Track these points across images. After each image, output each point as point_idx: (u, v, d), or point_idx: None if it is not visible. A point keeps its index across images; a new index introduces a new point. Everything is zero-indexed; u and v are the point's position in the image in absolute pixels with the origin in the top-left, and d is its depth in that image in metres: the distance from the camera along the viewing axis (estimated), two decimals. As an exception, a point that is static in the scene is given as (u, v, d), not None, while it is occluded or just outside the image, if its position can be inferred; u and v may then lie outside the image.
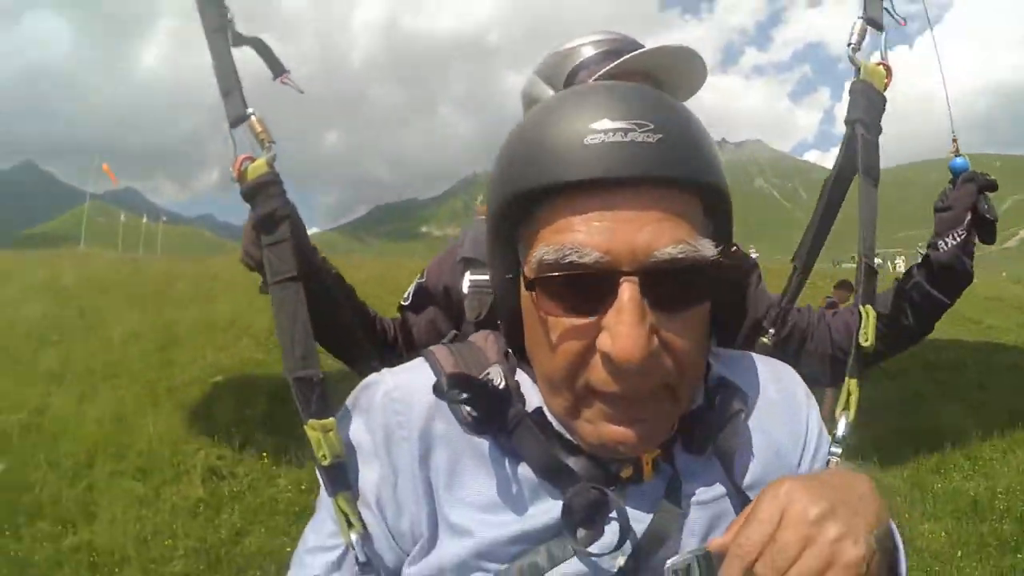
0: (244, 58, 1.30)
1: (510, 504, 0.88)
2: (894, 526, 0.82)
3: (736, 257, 1.54)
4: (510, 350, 0.96)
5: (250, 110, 1.20)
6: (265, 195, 1.19)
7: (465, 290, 1.45)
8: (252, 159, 1.20)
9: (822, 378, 1.62)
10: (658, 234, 0.76)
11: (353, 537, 0.92)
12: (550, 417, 0.90)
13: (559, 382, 0.83)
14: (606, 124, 0.76)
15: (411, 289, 1.67)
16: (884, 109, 1.24)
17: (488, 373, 0.92)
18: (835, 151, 1.41)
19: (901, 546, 0.84)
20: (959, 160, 1.64)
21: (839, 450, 1.02)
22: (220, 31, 1.25)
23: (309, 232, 1.54)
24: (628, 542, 0.84)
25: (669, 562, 0.78)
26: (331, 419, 1.00)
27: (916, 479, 7.80)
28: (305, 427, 1.00)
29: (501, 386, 0.90)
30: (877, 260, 1.24)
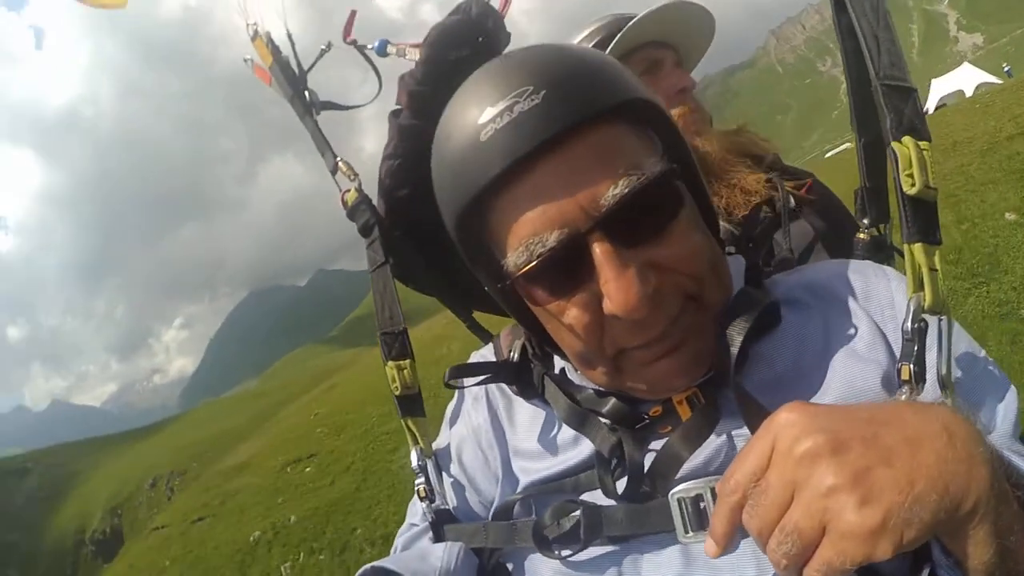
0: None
1: (551, 451, 1.05)
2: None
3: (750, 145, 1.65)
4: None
5: (338, 158, 1.54)
6: (360, 212, 1.45)
7: None
8: (348, 191, 1.49)
9: None
10: (595, 182, 0.79)
11: (414, 453, 1.22)
12: (571, 375, 1.06)
13: (590, 356, 0.91)
14: (489, 113, 0.81)
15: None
16: None
17: (511, 349, 1.15)
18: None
19: None
20: None
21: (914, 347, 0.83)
22: (308, 113, 1.58)
23: None
24: (645, 477, 0.90)
25: (675, 490, 0.84)
26: (406, 360, 1.30)
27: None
28: (386, 367, 1.30)
29: (516, 359, 1.13)
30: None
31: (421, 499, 1.20)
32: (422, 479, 1.20)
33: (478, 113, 0.83)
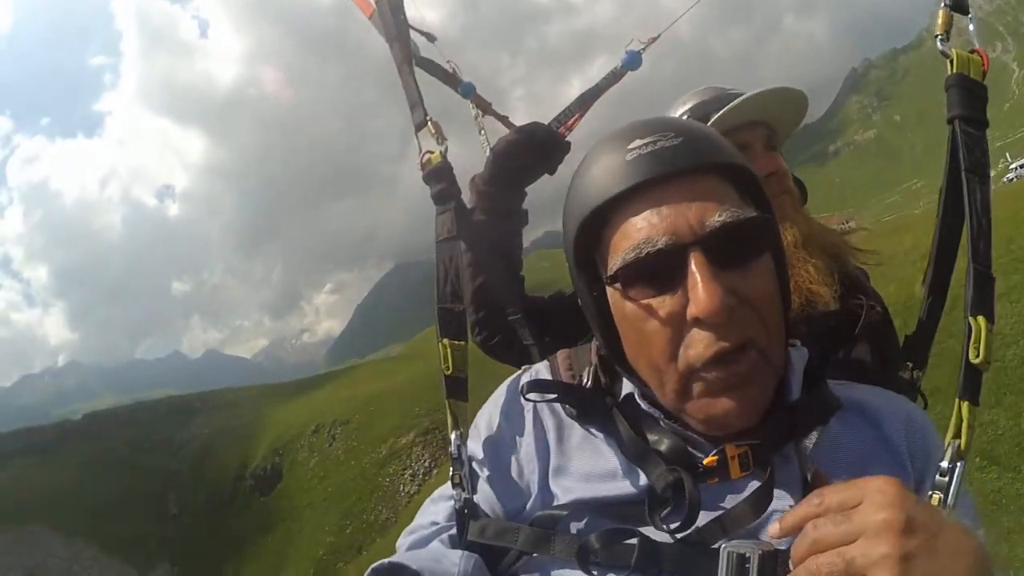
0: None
1: (598, 477, 1.10)
2: None
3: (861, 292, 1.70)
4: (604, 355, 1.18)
5: (429, 117, 1.52)
6: (439, 178, 1.48)
7: None
8: (431, 152, 1.51)
9: None
10: (705, 209, 0.97)
11: (453, 436, 1.24)
12: (640, 402, 1.11)
13: (663, 365, 1.00)
14: (637, 143, 1.01)
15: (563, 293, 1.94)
16: (987, 98, 1.17)
17: (583, 374, 1.21)
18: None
19: None
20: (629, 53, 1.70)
21: (944, 480, 1.00)
22: (406, 61, 1.59)
23: None
24: (696, 523, 0.98)
25: (727, 543, 0.91)
26: (461, 341, 1.33)
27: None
28: (439, 344, 1.32)
29: (588, 385, 1.18)
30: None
31: (454, 486, 1.22)
32: (458, 465, 1.24)
33: (627, 142, 1.03)
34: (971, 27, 1.26)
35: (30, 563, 48.58)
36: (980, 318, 1.08)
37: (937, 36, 1.23)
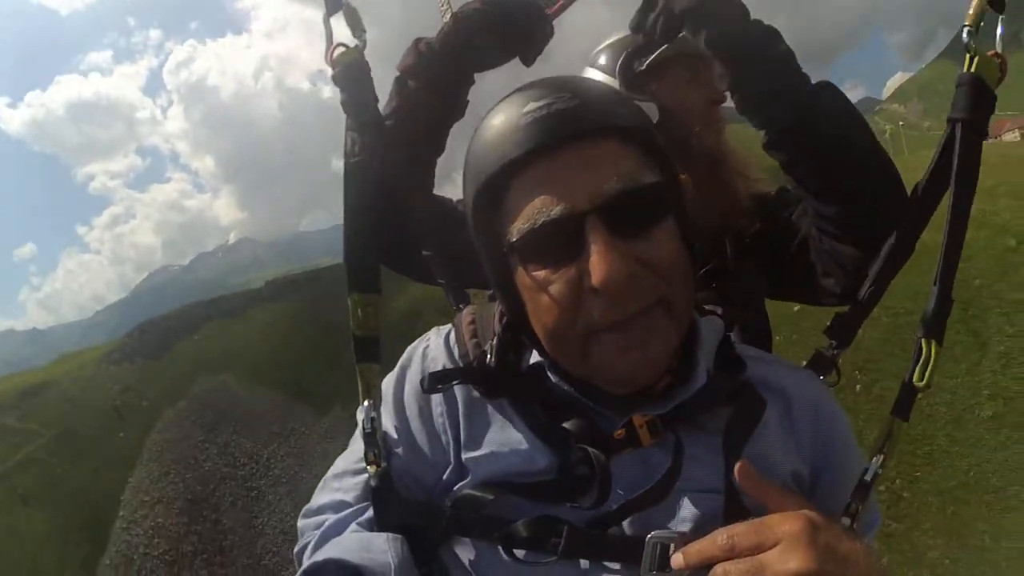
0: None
1: (509, 452, 1.06)
2: None
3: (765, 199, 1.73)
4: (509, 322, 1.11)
5: (345, 0, 1.22)
6: (352, 79, 1.22)
7: None
8: (345, 46, 1.22)
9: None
10: (602, 175, 0.93)
11: (364, 404, 1.12)
12: (550, 374, 1.07)
13: (562, 332, 0.98)
14: (532, 105, 0.95)
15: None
16: (993, 109, 1.12)
17: (486, 349, 1.13)
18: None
19: None
20: None
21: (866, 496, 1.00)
22: None
23: None
24: (611, 500, 0.98)
25: (653, 533, 0.94)
26: (373, 295, 1.16)
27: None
28: (349, 299, 1.15)
29: (492, 363, 1.11)
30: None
31: (369, 462, 1.11)
32: (370, 439, 1.11)
33: (523, 105, 0.97)
34: (999, 29, 1.14)
35: (223, 406, 53.36)
36: (932, 342, 1.07)
37: (965, 27, 1.11)
